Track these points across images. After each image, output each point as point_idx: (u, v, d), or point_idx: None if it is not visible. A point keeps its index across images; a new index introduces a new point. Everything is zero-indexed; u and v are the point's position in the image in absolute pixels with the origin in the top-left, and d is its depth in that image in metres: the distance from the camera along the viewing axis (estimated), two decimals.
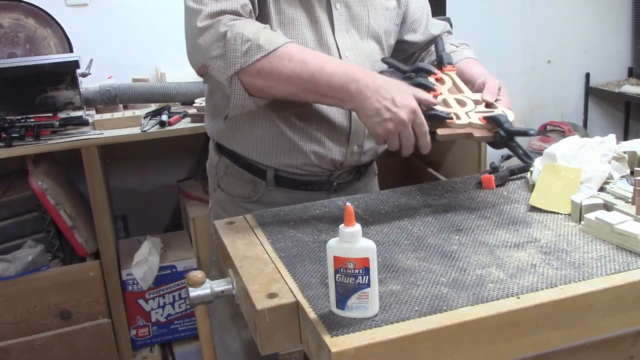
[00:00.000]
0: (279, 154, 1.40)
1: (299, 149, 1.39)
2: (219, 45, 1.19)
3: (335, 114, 1.38)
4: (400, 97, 1.18)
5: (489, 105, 1.29)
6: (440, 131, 1.21)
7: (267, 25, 1.25)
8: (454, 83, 1.37)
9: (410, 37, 1.56)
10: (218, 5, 1.21)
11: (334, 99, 1.22)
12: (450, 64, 1.41)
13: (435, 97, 1.26)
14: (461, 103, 1.29)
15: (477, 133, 1.22)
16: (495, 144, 1.23)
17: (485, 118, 1.24)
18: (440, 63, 1.42)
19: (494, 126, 1.23)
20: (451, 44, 1.57)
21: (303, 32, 1.34)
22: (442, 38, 1.54)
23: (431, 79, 1.34)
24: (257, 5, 1.28)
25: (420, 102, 1.21)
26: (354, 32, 1.41)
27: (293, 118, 1.36)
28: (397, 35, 1.54)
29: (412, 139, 1.20)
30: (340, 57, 1.37)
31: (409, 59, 1.61)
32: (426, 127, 1.20)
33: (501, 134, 1.20)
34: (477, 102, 1.30)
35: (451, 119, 1.22)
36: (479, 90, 1.36)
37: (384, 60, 1.42)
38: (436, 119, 1.22)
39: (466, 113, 1.25)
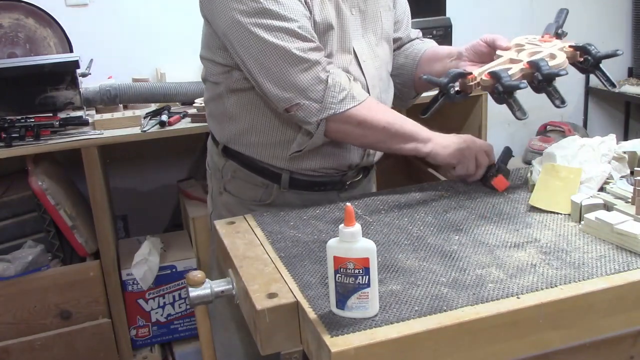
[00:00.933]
0: (297, 157, 1.39)
1: (318, 152, 1.39)
2: (320, 89, 1.26)
3: None
4: (458, 136, 1.40)
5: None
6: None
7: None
8: None
9: (394, 35, 1.57)
10: (307, 44, 1.26)
11: (415, 142, 1.35)
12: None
13: (472, 79, 1.28)
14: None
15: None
16: (533, 86, 1.29)
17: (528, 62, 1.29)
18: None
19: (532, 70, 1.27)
20: (420, 39, 1.61)
21: (334, 38, 1.35)
22: None
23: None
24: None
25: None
26: (370, 36, 1.42)
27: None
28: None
29: (473, 162, 1.38)
30: (359, 62, 1.39)
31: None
32: (488, 145, 1.41)
33: (539, 77, 1.26)
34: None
35: (470, 73, 1.27)
36: (487, 42, 1.41)
37: (423, 79, 1.33)
38: (461, 77, 1.27)
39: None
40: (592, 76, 3.51)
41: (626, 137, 3.41)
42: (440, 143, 1.36)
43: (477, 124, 2.60)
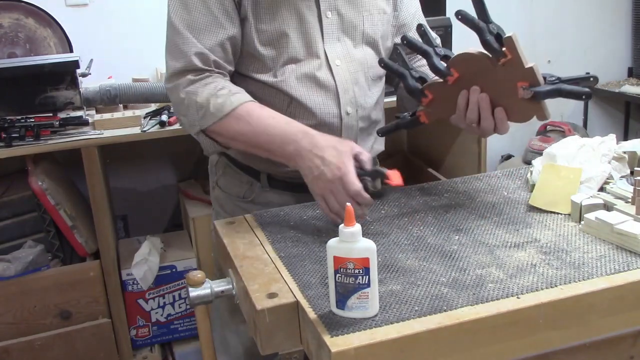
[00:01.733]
0: (269, 161, 1.39)
1: None
2: (182, 109, 1.33)
3: (327, 122, 1.38)
4: (330, 155, 1.19)
5: None
6: (513, 36, 1.20)
7: (224, 85, 1.30)
8: None
9: (397, 39, 1.53)
10: (177, 64, 1.31)
11: (277, 157, 1.28)
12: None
13: (451, 82, 1.25)
14: None
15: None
16: (543, 89, 1.19)
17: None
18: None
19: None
20: None
21: (293, 44, 1.34)
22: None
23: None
24: (235, 43, 1.33)
25: (359, 159, 1.21)
26: (347, 39, 1.40)
27: None
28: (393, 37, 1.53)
29: (343, 197, 1.16)
30: (330, 66, 1.37)
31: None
32: (355, 185, 1.16)
33: (561, 78, 1.20)
34: None
35: (388, 178, 1.17)
36: None
37: (381, 61, 1.37)
38: (377, 176, 1.20)
39: None
40: None
41: (626, 137, 3.41)
42: (300, 166, 1.23)
43: None
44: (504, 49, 1.19)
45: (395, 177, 1.18)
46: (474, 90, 1.25)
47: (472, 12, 1.35)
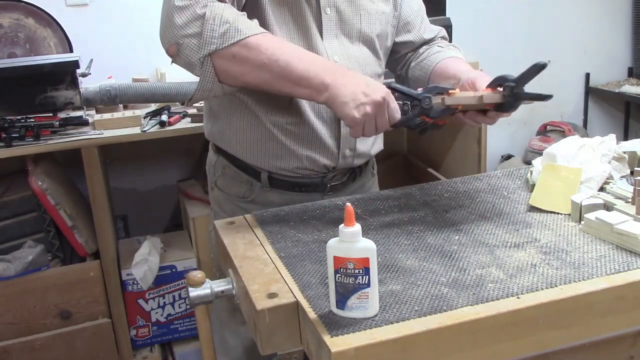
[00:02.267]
0: (271, 157, 1.41)
1: (290, 153, 1.40)
2: (196, 25, 1.16)
3: (326, 118, 1.38)
4: (371, 84, 1.21)
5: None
6: (448, 98, 1.19)
7: (245, 13, 1.22)
8: None
9: (402, 37, 1.55)
10: None
11: (309, 88, 1.20)
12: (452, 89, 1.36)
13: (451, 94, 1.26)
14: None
15: (486, 97, 1.21)
16: (507, 102, 1.18)
17: (489, 86, 1.23)
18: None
19: (500, 85, 1.21)
20: (438, 46, 1.55)
21: (291, 37, 1.34)
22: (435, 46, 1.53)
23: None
24: (243, 4, 1.27)
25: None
26: (344, 37, 1.40)
27: (284, 123, 1.38)
28: (393, 37, 1.53)
29: (386, 121, 1.21)
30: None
31: (401, 60, 1.59)
32: (398, 112, 1.21)
33: (510, 85, 1.17)
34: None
35: (454, 89, 1.21)
36: (469, 84, 1.33)
37: (390, 87, 1.28)
38: (437, 91, 1.21)
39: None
40: (592, 76, 3.54)
41: (626, 137, 3.41)
42: (338, 95, 1.18)
43: None
44: (450, 105, 1.23)
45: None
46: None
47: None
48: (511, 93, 1.17)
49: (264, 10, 1.31)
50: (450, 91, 1.23)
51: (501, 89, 1.23)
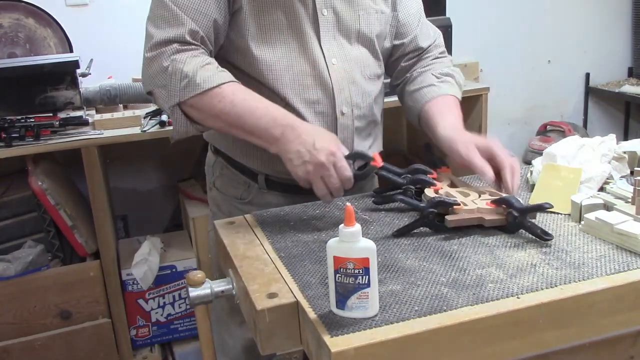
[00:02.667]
0: (267, 160, 1.40)
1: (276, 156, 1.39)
2: (163, 77, 1.26)
3: (321, 122, 1.37)
4: (320, 141, 1.21)
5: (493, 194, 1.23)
6: (449, 217, 1.16)
7: (211, 61, 1.28)
8: (452, 181, 1.33)
9: (396, 40, 1.52)
10: (164, 33, 1.27)
11: (260, 139, 1.26)
12: (445, 165, 1.37)
13: (436, 191, 1.23)
14: (464, 194, 1.24)
15: (488, 217, 1.16)
16: (509, 225, 1.15)
17: (493, 202, 1.18)
18: (434, 164, 1.38)
19: (505, 208, 1.16)
20: (432, 75, 1.50)
21: (286, 42, 1.33)
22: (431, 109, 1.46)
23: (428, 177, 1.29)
24: (217, 28, 1.31)
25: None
26: (342, 38, 1.39)
27: None
28: (392, 38, 1.51)
29: (336, 181, 1.21)
30: (327, 64, 1.36)
31: (396, 66, 1.55)
32: (348, 171, 1.20)
33: (514, 214, 1.14)
34: (480, 193, 1.24)
35: (459, 204, 1.18)
36: (462, 163, 1.30)
37: (377, 174, 1.32)
38: (443, 205, 1.18)
39: (472, 201, 1.21)
40: (592, 76, 3.54)
41: (626, 137, 3.41)
42: (285, 150, 1.23)
43: (477, 124, 2.60)
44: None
45: (378, 159, 1.26)
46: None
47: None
48: (514, 222, 1.15)
49: (246, 22, 1.31)
50: (455, 207, 1.18)
51: (504, 210, 1.17)
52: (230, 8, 1.31)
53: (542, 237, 1.10)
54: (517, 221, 1.14)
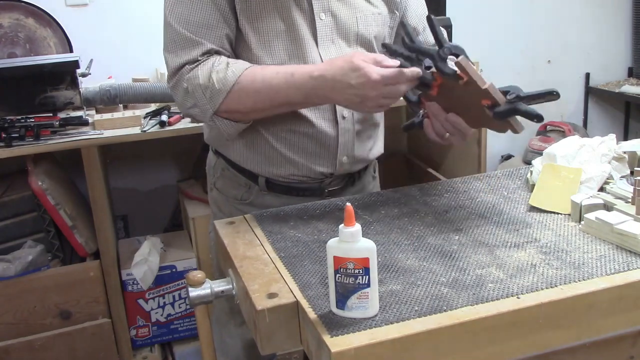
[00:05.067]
0: (267, 164, 1.41)
1: (287, 160, 1.40)
2: (189, 99, 1.30)
3: (322, 126, 1.37)
4: (354, 79, 1.18)
5: None
6: (462, 61, 1.14)
7: (218, 61, 1.28)
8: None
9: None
10: (178, 59, 1.30)
11: (308, 105, 1.32)
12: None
13: (435, 91, 1.22)
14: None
15: (491, 87, 1.15)
16: (504, 106, 1.14)
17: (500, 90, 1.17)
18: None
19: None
20: None
21: (285, 47, 1.33)
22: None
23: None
24: (230, 41, 1.32)
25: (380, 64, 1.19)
26: (341, 41, 1.38)
27: (280, 131, 1.38)
28: (394, 38, 1.50)
29: (396, 92, 1.19)
30: None
31: None
32: (393, 73, 1.17)
33: (517, 93, 1.13)
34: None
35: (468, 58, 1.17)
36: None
37: (383, 45, 1.35)
38: (456, 50, 1.18)
39: None
40: (592, 76, 3.54)
41: (626, 137, 3.41)
42: (339, 101, 1.27)
43: None
44: (458, 72, 1.17)
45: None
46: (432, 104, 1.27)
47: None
48: (513, 99, 1.13)
49: (243, 29, 1.31)
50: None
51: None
52: (234, 19, 1.31)
53: (532, 116, 1.10)
54: (514, 101, 1.12)
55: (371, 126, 1.47)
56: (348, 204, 0.91)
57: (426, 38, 1.53)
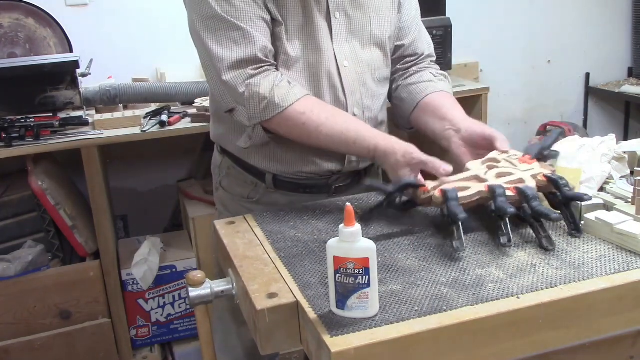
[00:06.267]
0: (275, 162, 1.42)
1: (295, 157, 1.41)
2: (241, 99, 1.30)
3: None
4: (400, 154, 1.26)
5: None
6: (421, 195, 1.17)
7: (282, 78, 1.30)
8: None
9: (398, 42, 1.52)
10: (236, 54, 1.28)
11: (351, 154, 1.40)
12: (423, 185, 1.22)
13: (424, 191, 1.18)
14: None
15: (462, 193, 1.14)
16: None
17: (545, 177, 1.17)
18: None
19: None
20: (430, 72, 1.51)
21: (303, 40, 1.34)
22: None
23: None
24: (271, 31, 1.32)
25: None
26: (355, 40, 1.40)
27: None
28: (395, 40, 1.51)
29: (437, 164, 1.24)
30: (338, 66, 1.37)
31: (392, 64, 1.53)
32: (423, 157, 1.24)
33: (559, 197, 1.13)
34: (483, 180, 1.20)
35: (424, 185, 1.17)
36: (480, 139, 1.33)
37: (366, 186, 1.40)
38: (409, 187, 1.18)
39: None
40: (592, 76, 3.54)
41: (626, 137, 3.41)
42: (384, 164, 1.30)
43: None
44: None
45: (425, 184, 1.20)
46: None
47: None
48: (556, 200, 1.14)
49: (277, 18, 1.31)
50: (421, 188, 1.18)
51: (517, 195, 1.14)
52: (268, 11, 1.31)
53: (504, 242, 1.08)
54: (493, 214, 1.11)
55: (379, 125, 1.49)
56: (348, 204, 0.91)
57: (416, 42, 1.52)
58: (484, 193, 1.14)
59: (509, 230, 1.09)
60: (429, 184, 1.19)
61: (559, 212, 1.13)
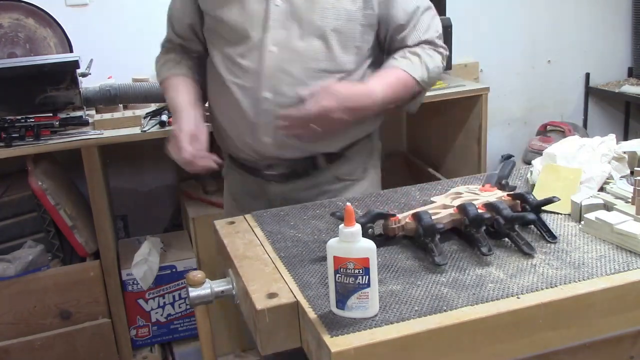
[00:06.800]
0: (221, 139, 1.60)
1: (227, 136, 1.54)
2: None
3: (241, 102, 1.45)
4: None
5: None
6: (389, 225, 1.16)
7: (169, 58, 1.63)
8: None
9: (398, 35, 1.47)
10: (165, 35, 1.68)
11: None
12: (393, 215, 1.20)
13: (395, 221, 1.17)
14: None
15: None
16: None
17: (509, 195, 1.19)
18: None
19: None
20: (400, 51, 1.47)
21: (230, 27, 1.44)
22: None
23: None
24: (194, 30, 1.58)
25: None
26: (295, 28, 1.40)
27: (215, 106, 1.57)
28: (373, 39, 1.47)
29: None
30: (262, 52, 1.41)
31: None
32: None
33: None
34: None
35: (394, 215, 1.16)
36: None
37: (331, 214, 1.28)
38: (380, 218, 1.16)
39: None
40: (592, 76, 3.54)
41: (626, 137, 3.41)
42: None
43: (477, 123, 2.60)
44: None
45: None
46: None
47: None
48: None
49: (210, 2, 1.47)
50: (392, 218, 1.17)
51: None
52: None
53: (484, 252, 1.07)
54: (467, 229, 1.12)
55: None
56: (348, 203, 0.91)
57: (413, 35, 1.48)
58: (455, 215, 1.15)
59: (487, 239, 1.09)
60: (399, 215, 1.19)
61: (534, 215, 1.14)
